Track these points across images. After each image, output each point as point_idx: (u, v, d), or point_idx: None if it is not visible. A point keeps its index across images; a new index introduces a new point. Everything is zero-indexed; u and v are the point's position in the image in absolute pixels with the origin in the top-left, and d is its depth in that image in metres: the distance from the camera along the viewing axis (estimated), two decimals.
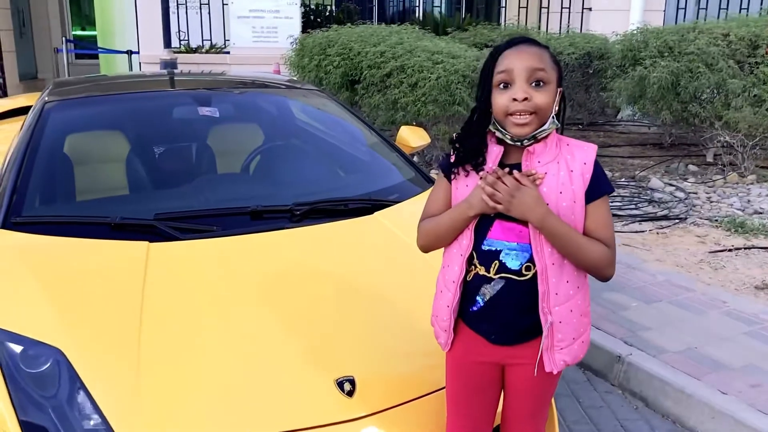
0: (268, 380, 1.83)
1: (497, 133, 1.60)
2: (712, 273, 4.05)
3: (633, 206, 5.38)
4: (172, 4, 9.87)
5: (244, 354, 1.89)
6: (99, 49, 11.96)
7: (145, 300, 2.00)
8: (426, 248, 1.76)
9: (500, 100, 1.56)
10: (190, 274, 2.16)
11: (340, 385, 1.82)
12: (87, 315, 1.95)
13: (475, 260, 1.65)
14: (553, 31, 9.78)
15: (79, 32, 15.62)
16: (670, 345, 3.14)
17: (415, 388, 1.90)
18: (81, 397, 1.74)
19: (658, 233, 4.77)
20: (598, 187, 1.60)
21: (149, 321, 1.93)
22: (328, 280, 2.23)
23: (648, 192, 5.78)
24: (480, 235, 1.63)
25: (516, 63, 1.55)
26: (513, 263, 1.61)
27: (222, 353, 1.88)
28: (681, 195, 5.68)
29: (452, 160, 1.67)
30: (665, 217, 5.09)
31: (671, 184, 6.00)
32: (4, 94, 10.97)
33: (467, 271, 1.66)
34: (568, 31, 9.10)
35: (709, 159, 6.87)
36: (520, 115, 1.54)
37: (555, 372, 1.67)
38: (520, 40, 1.61)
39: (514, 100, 1.53)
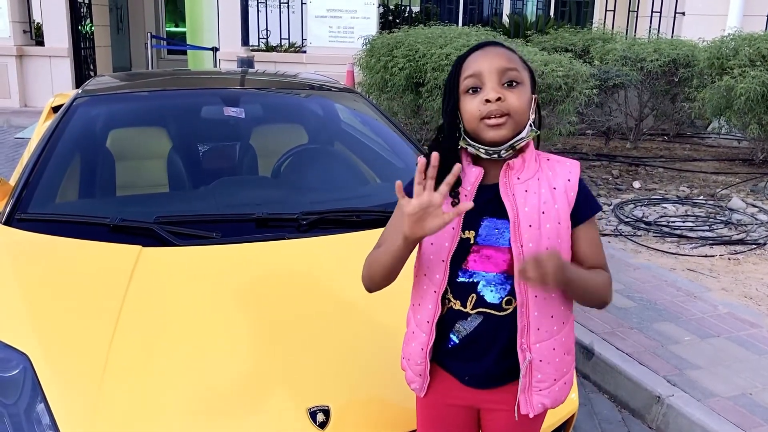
0: (234, 404, 1.72)
1: (470, 149, 1.42)
2: None
3: (707, 227, 4.95)
4: (252, 3, 10.01)
5: (214, 374, 1.79)
6: (186, 45, 12.29)
7: (123, 309, 1.93)
8: (368, 282, 1.52)
9: (470, 105, 1.38)
10: (175, 283, 2.08)
11: (312, 414, 1.70)
12: (61, 322, 1.90)
13: (449, 294, 1.47)
14: (642, 36, 9.26)
15: (173, 28, 16.16)
16: (720, 388, 2.81)
17: (395, 426, 1.74)
18: (40, 408, 1.68)
19: (729, 259, 4.35)
20: (588, 207, 1.43)
21: (122, 332, 1.86)
22: (318, 298, 2.10)
23: (726, 212, 5.32)
24: (454, 265, 1.45)
25: (484, 65, 1.37)
26: (492, 296, 1.44)
27: (190, 372, 1.79)
28: (763, 218, 5.19)
29: None
30: (741, 242, 4.64)
31: (755, 205, 5.51)
32: None
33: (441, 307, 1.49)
34: (657, 37, 8.58)
35: None
36: (494, 117, 1.35)
37: (531, 415, 1.49)
38: (486, 43, 1.44)
39: (487, 101, 1.35)
